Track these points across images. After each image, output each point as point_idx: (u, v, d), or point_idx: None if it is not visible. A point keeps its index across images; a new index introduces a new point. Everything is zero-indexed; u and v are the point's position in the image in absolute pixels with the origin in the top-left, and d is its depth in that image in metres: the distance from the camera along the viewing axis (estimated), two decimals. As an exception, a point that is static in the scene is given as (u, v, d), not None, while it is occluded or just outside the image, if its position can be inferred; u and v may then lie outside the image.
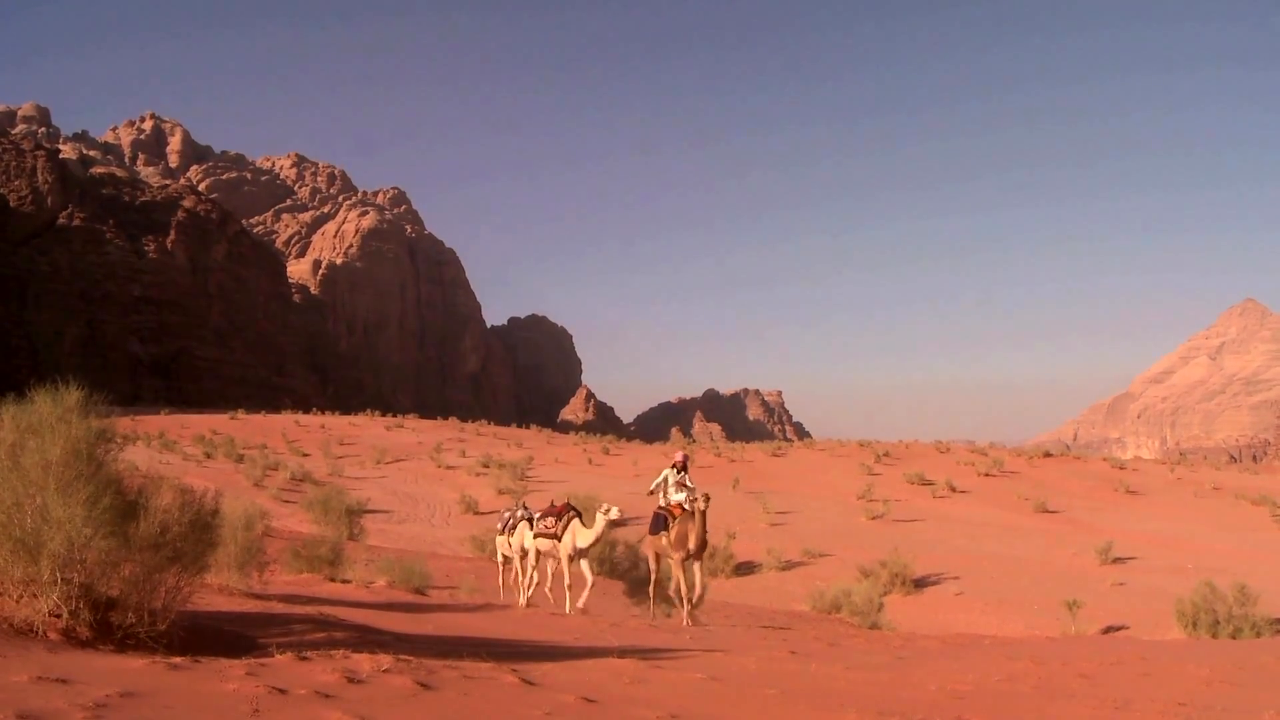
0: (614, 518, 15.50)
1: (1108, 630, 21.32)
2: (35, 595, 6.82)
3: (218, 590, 11.88)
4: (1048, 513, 42.93)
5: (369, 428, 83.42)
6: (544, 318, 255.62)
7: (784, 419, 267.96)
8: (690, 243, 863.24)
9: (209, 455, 54.54)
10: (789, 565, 29.78)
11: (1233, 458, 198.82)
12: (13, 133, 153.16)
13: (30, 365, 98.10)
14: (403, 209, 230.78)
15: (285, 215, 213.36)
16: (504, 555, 18.34)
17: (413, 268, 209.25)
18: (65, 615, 6.82)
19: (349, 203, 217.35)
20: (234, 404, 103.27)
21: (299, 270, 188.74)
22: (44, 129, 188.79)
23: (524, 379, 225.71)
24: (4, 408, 7.68)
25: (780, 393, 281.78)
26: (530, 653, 9.30)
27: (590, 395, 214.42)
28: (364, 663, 6.88)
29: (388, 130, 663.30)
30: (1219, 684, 9.60)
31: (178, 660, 6.49)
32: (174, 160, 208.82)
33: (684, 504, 15.95)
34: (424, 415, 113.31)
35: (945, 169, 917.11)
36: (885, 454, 62.58)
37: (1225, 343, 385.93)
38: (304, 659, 6.86)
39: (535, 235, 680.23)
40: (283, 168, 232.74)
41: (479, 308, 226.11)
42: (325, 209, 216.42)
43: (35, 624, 6.70)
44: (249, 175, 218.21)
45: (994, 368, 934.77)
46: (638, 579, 20.37)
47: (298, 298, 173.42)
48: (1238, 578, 21.09)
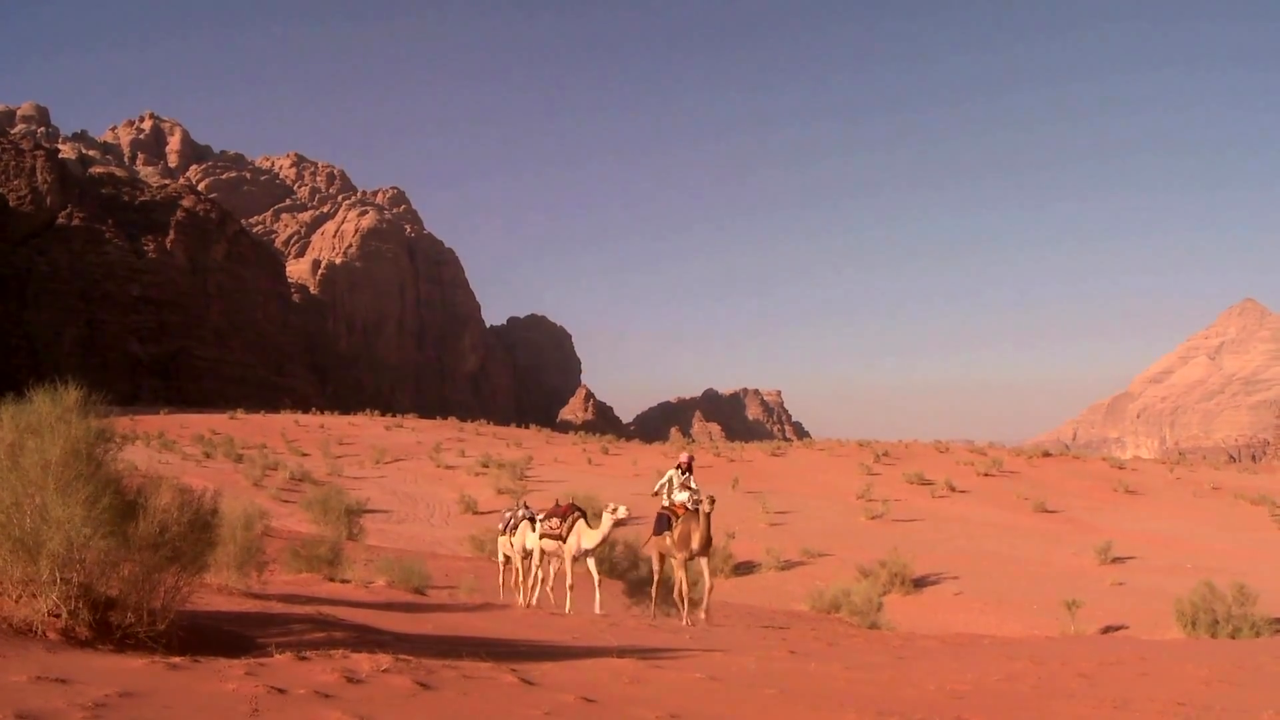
0: (621, 517, 15.31)
1: (1107, 630, 21.34)
2: (34, 595, 6.82)
3: (217, 590, 11.88)
4: (1047, 512, 42.96)
5: (368, 427, 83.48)
6: (543, 317, 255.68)
7: (783, 419, 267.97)
8: (690, 242, 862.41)
9: (208, 455, 54.57)
10: (788, 565, 29.80)
11: (1232, 457, 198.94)
12: (12, 132, 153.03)
13: (29, 365, 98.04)
14: (402, 209, 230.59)
15: (284, 215, 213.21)
16: (505, 555, 18.36)
17: (412, 267, 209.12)
18: (64, 615, 6.82)
19: (348, 202, 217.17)
20: (233, 404, 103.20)
21: (298, 270, 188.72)
22: (43, 128, 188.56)
23: (523, 379, 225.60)
24: (3, 407, 7.67)
25: (779, 392, 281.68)
26: (529, 652, 9.30)
27: (589, 395, 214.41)
28: (363, 662, 6.88)
29: (387, 130, 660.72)
30: (1218, 684, 9.61)
31: (177, 660, 6.49)
32: (173, 160, 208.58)
33: (688, 504, 15.95)
34: (423, 415, 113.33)
35: (945, 168, 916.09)
36: (884, 454, 62.66)
37: (1224, 342, 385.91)
38: (303, 659, 6.86)
39: (535, 235, 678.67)
40: (282, 167, 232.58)
41: (478, 307, 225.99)
42: (324, 209, 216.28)
43: (34, 624, 6.70)
44: (248, 175, 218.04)
45: (993, 367, 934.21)
46: (637, 579, 20.39)
47: (297, 297, 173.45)
48: (1237, 577, 21.11)
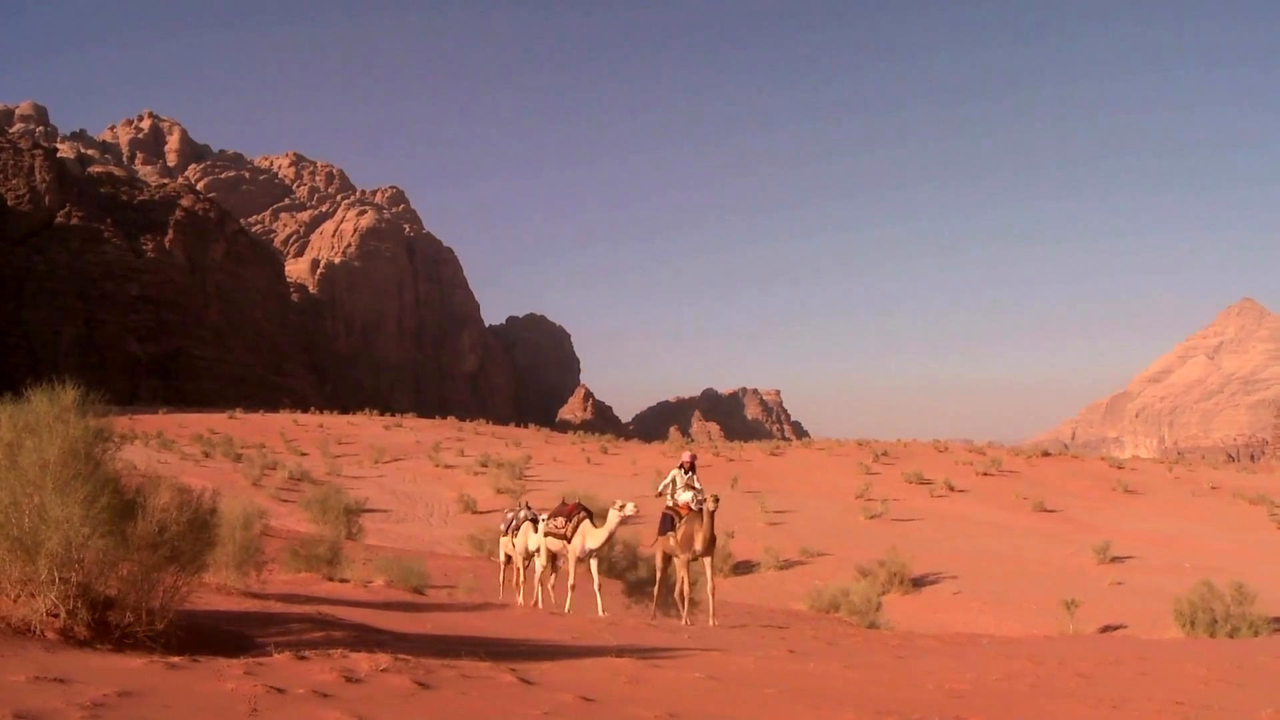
0: (629, 513, 15.21)
1: (1105, 629, 21.36)
2: (33, 595, 6.81)
3: (216, 589, 11.87)
4: (1046, 512, 42.99)
5: (367, 427, 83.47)
6: (542, 317, 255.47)
7: (782, 418, 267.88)
8: (689, 242, 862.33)
9: (207, 454, 54.55)
10: (787, 564, 29.81)
11: (1230, 457, 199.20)
12: (10, 131, 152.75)
13: (28, 364, 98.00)
14: (401, 208, 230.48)
15: (283, 214, 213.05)
16: (506, 555, 18.37)
17: (411, 267, 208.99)
18: (63, 615, 6.81)
19: (347, 202, 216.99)
20: (232, 403, 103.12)
21: (297, 269, 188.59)
22: (41, 128, 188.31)
23: (522, 378, 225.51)
24: (1, 407, 7.67)
25: (778, 392, 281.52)
26: (528, 652, 9.29)
27: (588, 394, 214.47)
28: (362, 662, 6.87)
29: (386, 129, 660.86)
30: (1216, 683, 9.61)
31: (176, 660, 6.48)
32: (172, 159, 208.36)
33: (691, 504, 15.94)
34: (422, 414, 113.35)
35: (945, 168, 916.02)
36: (883, 453, 62.68)
37: (1223, 342, 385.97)
38: (302, 658, 6.85)
39: (534, 235, 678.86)
40: (281, 167, 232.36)
41: (477, 307, 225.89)
42: (323, 208, 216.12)
43: (33, 623, 6.69)
44: (247, 174, 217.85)
45: (992, 367, 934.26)
46: (637, 579, 20.40)
47: (296, 297, 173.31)
48: (1235, 577, 21.15)
